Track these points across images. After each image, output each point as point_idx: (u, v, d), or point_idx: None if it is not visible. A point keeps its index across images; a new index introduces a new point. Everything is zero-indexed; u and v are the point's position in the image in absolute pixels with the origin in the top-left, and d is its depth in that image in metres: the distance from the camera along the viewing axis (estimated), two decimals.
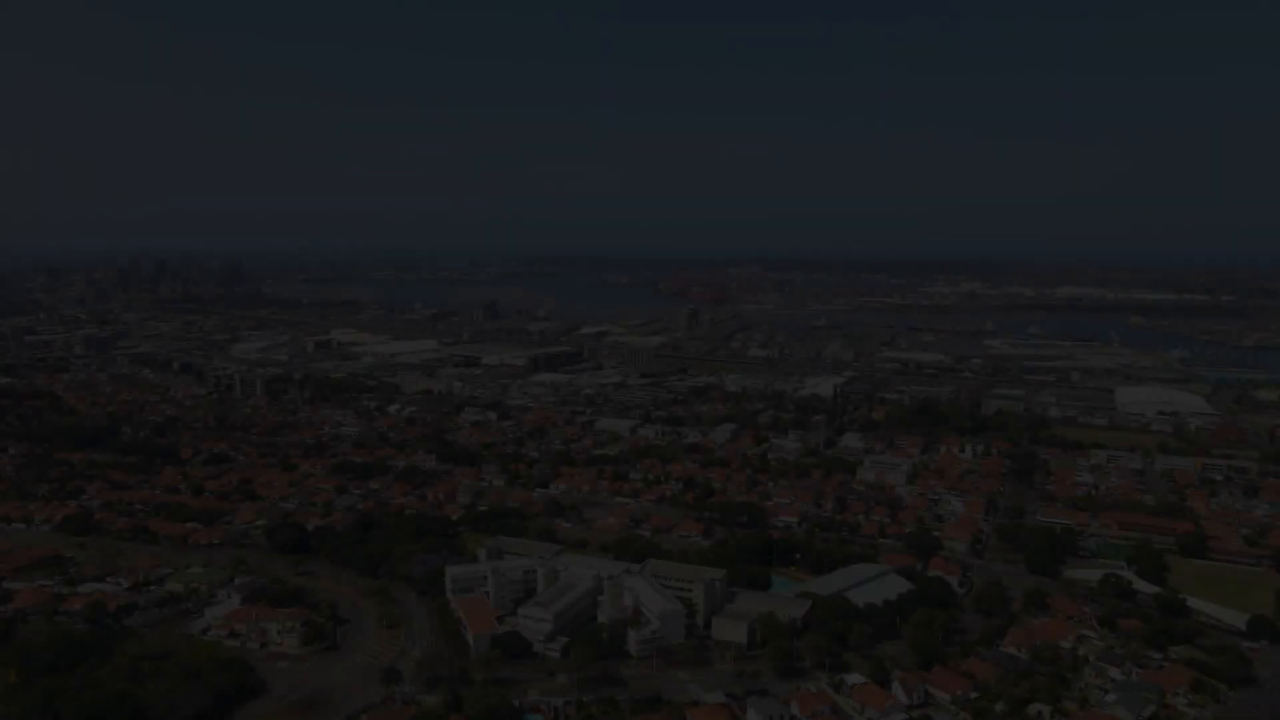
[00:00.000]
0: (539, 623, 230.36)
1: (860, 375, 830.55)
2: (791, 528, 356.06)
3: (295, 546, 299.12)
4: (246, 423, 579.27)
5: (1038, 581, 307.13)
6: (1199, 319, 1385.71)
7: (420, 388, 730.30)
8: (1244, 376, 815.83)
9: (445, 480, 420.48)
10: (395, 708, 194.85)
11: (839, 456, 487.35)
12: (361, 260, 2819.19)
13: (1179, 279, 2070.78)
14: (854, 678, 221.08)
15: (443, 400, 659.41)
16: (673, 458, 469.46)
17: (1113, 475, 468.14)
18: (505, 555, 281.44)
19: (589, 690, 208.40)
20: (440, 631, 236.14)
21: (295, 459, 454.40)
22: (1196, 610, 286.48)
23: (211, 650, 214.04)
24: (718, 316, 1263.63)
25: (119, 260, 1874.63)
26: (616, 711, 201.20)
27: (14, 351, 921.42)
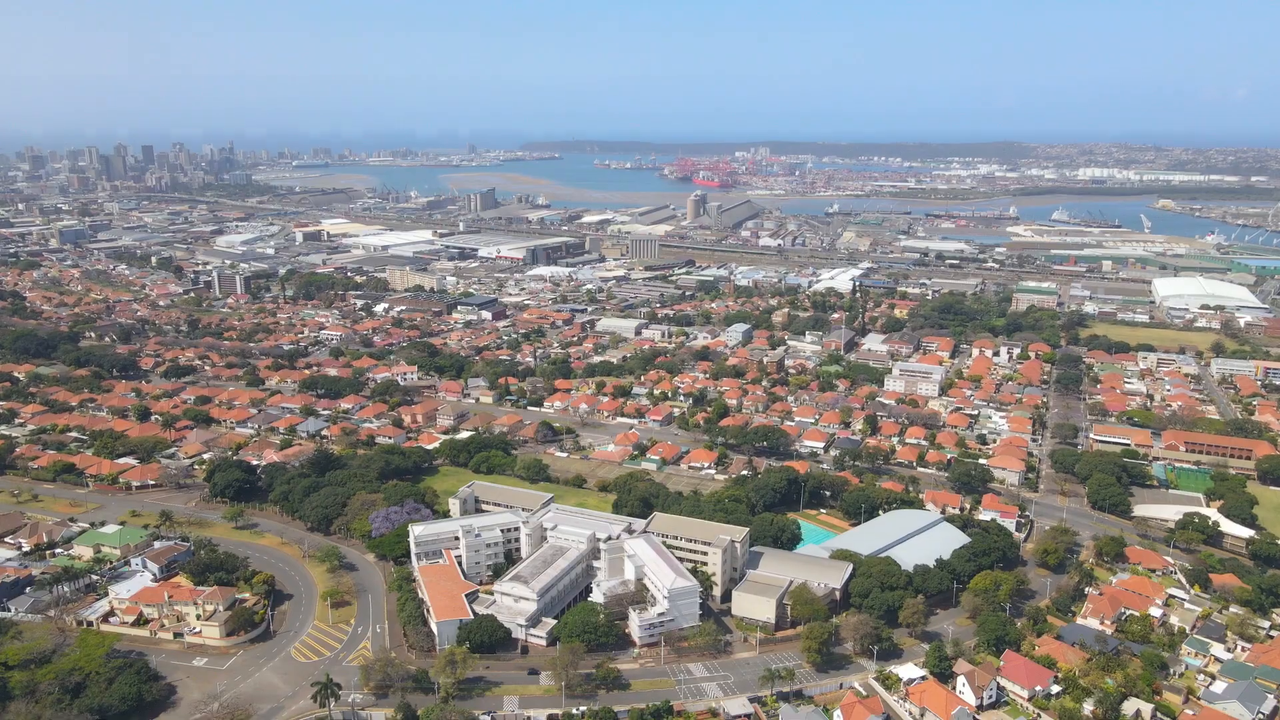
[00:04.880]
0: (520, 602, 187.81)
1: (878, 266, 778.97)
2: (818, 455, 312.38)
3: (239, 491, 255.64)
4: (221, 326, 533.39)
5: (1105, 521, 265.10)
6: (1230, 201, 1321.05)
7: (411, 284, 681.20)
8: None
9: (426, 398, 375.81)
10: None
11: (863, 363, 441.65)
12: (358, 146, 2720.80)
13: (1206, 159, 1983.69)
14: (908, 670, 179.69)
15: (434, 298, 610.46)
16: (680, 367, 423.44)
17: (1166, 382, 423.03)
18: (484, 506, 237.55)
19: (580, 698, 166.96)
20: (400, 612, 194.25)
21: (264, 372, 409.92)
22: None
23: (109, 646, 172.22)
24: (725, 203, 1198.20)
25: (105, 146, 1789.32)
26: None
27: None
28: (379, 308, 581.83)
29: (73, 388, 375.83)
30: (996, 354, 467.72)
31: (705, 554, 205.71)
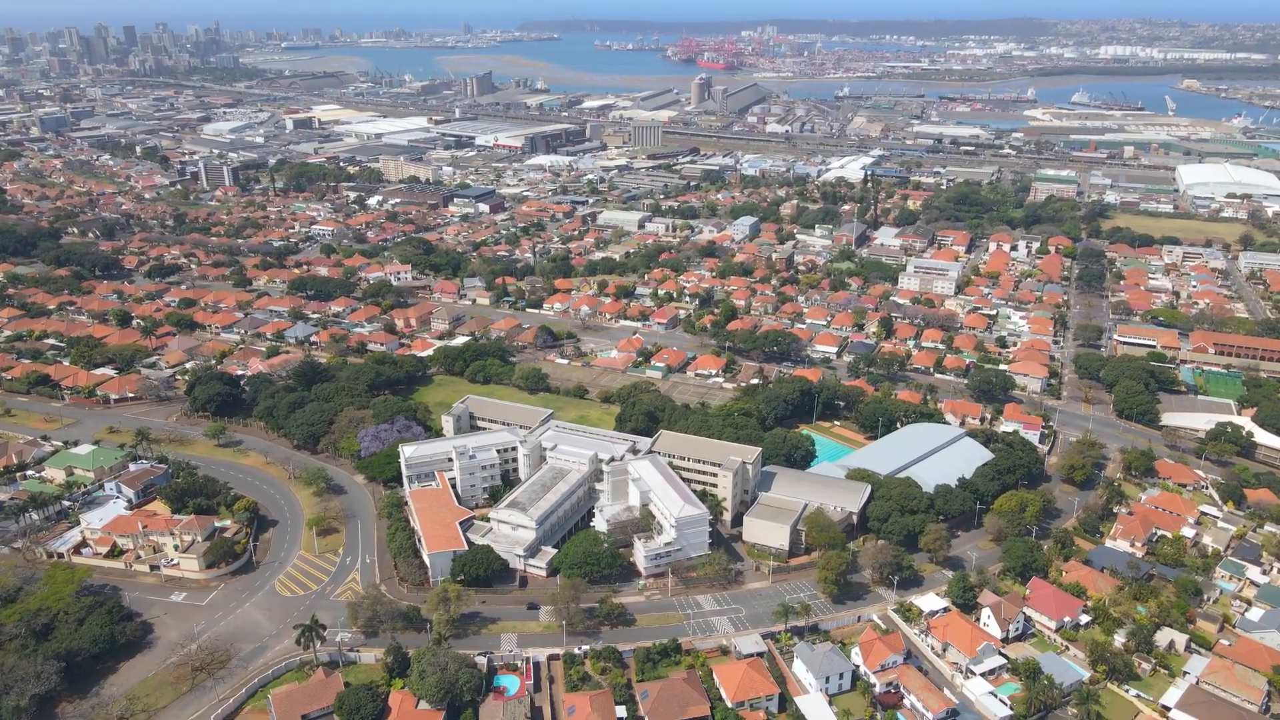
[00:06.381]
0: (518, 530, 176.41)
1: (890, 154, 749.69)
2: (830, 360, 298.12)
3: (222, 405, 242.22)
4: (208, 221, 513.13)
5: (1132, 431, 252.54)
6: (1257, 81, 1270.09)
7: (406, 175, 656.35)
8: None
9: (420, 299, 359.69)
10: (316, 676, 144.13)
11: (876, 259, 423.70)
12: (349, 25, 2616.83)
13: (1233, 36, 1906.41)
14: (930, 601, 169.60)
15: (430, 190, 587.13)
16: (686, 264, 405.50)
17: (1192, 278, 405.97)
18: (479, 423, 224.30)
19: (582, 634, 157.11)
20: (390, 541, 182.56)
21: (252, 271, 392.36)
22: None
23: (79, 582, 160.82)
24: (731, 87, 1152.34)
25: (85, 27, 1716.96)
26: (619, 666, 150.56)
27: None
28: (373, 200, 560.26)
29: (51, 289, 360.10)
30: (1014, 248, 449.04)
31: (715, 476, 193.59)
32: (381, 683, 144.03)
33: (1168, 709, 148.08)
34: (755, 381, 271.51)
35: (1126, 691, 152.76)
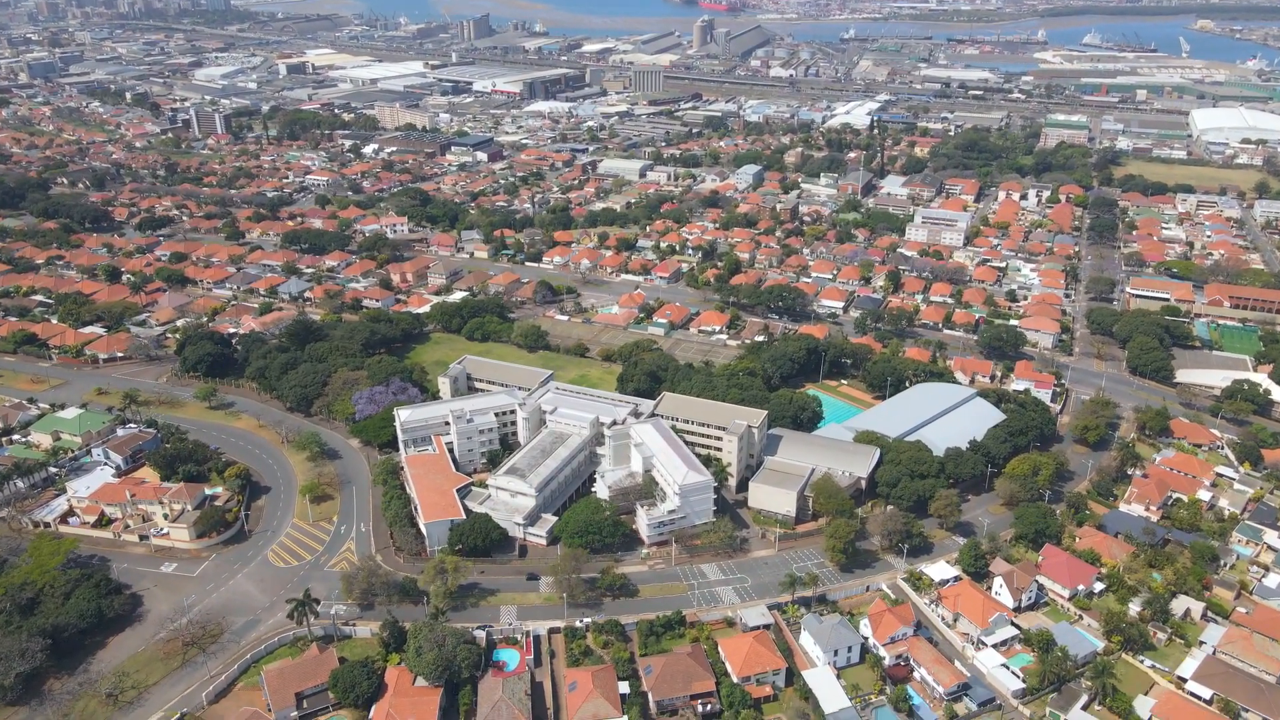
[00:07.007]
0: (517, 497, 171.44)
1: (896, 99, 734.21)
2: (837, 316, 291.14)
3: (214, 365, 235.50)
4: (200, 170, 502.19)
5: (1146, 388, 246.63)
6: (1273, 21, 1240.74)
7: (402, 122, 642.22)
8: None
9: (417, 253, 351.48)
10: (310, 652, 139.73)
11: (883, 209, 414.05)
12: None
13: None
14: (940, 570, 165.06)
15: (426, 138, 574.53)
16: (688, 215, 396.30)
17: (1206, 227, 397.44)
18: (477, 384, 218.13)
19: (584, 606, 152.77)
20: (386, 509, 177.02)
21: (245, 223, 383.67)
22: None
23: (65, 554, 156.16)
24: (734, 30, 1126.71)
25: None
26: (622, 639, 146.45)
27: None
28: (368, 149, 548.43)
29: (40, 243, 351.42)
30: (1024, 197, 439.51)
31: (719, 439, 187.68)
32: (377, 658, 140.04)
33: (1184, 680, 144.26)
34: (760, 339, 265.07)
35: (1142, 662, 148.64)
